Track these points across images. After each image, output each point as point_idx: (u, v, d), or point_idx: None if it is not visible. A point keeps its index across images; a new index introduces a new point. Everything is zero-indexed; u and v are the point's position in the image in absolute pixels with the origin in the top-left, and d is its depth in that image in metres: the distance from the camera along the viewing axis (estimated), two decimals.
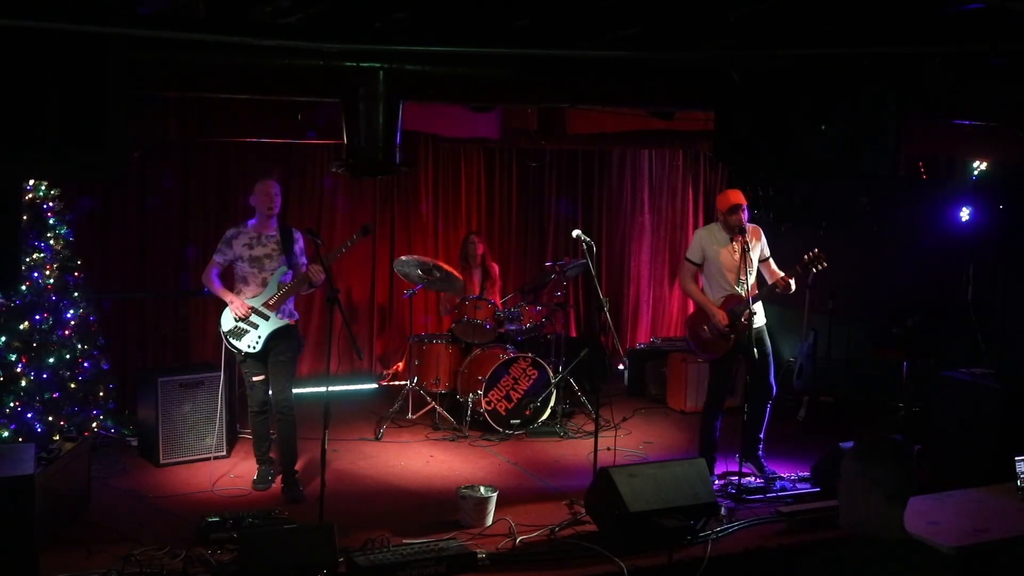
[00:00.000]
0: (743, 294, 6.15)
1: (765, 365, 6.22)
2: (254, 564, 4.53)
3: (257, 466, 6.14)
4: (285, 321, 5.95)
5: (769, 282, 6.30)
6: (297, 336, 6.15)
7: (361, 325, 8.90)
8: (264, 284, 5.91)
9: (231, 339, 5.91)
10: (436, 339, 7.76)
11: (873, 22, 4.29)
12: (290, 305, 6.02)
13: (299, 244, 6.04)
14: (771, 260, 6.36)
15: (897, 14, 4.12)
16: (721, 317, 6.17)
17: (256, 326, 5.88)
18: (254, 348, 5.89)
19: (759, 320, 6.22)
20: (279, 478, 6.09)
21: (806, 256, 6.15)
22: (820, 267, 6.16)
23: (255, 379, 5.99)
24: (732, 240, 6.20)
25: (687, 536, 5.15)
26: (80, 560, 4.79)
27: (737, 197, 6.19)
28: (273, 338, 5.92)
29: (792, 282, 6.19)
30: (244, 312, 5.84)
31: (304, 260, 6.01)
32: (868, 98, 4.52)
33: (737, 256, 6.17)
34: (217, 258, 5.97)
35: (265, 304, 5.88)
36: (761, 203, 8.30)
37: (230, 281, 6.08)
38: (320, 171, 8.53)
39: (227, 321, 5.92)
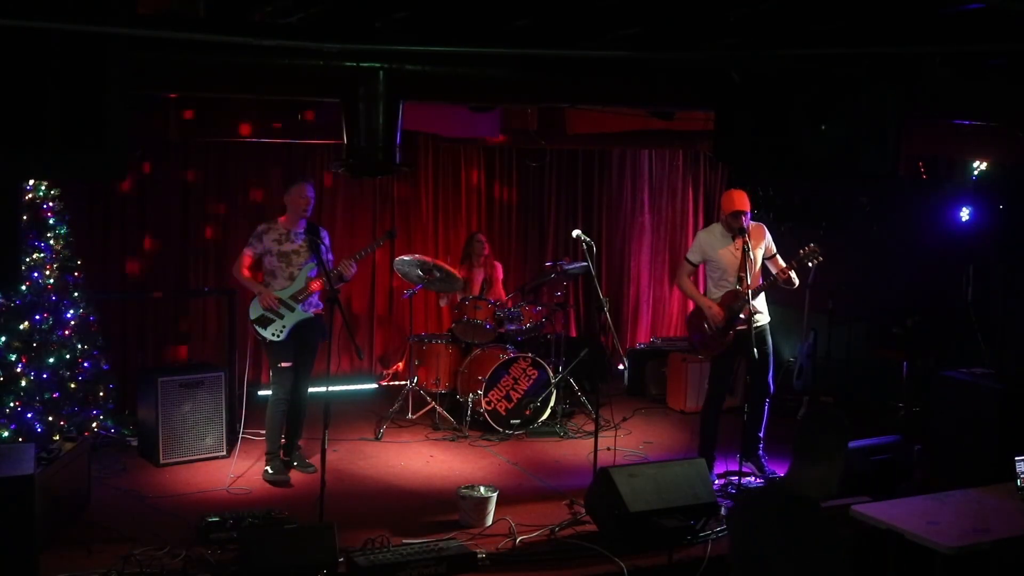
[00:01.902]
0: (742, 290, 6.16)
1: (765, 364, 6.22)
2: (254, 564, 4.54)
3: (269, 460, 6.19)
4: (309, 313, 6.20)
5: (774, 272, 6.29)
6: (322, 326, 6.33)
7: (361, 325, 8.90)
8: (292, 279, 6.14)
9: (257, 327, 6.15)
10: (436, 339, 7.76)
11: (873, 22, 4.29)
12: (315, 297, 6.25)
13: (326, 241, 6.28)
14: (778, 256, 6.38)
15: (897, 14, 4.11)
16: (717, 311, 6.19)
17: (282, 316, 6.12)
18: (278, 337, 6.12)
19: (763, 318, 6.23)
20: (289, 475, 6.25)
21: (801, 251, 6.17)
22: (816, 261, 6.18)
23: (282, 365, 6.18)
24: (733, 239, 6.21)
25: (687, 536, 5.15)
26: (80, 560, 4.80)
27: (742, 203, 6.16)
28: (299, 328, 6.16)
29: (793, 275, 6.20)
30: (271, 303, 6.06)
31: (331, 256, 6.25)
32: (868, 98, 4.51)
33: (739, 255, 6.17)
34: (248, 251, 6.21)
35: (292, 297, 6.12)
36: (761, 203, 8.30)
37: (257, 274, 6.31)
38: (320, 171, 8.53)
39: (255, 310, 6.16)
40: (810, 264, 6.22)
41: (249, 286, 6.22)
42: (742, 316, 6.15)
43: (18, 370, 5.83)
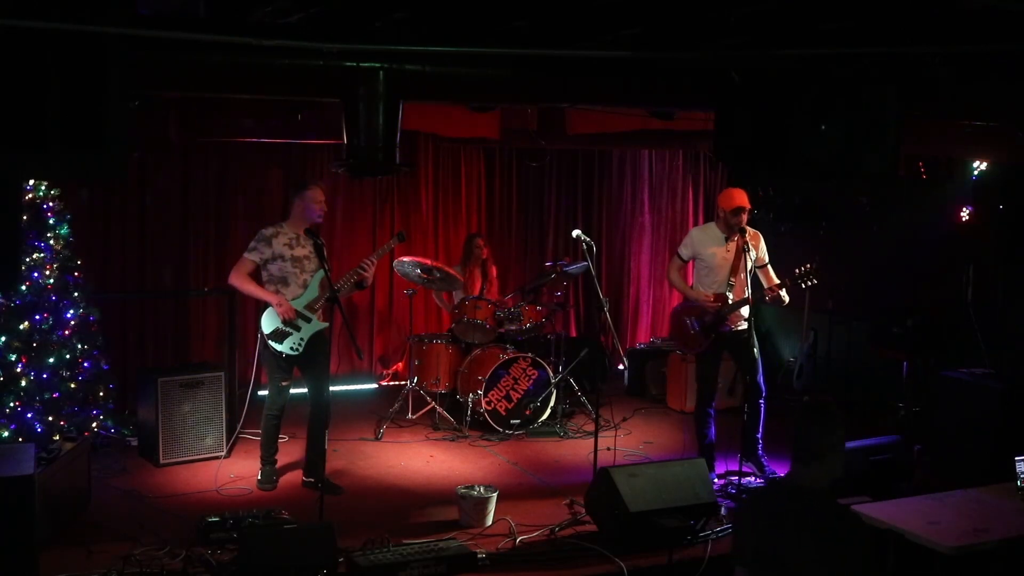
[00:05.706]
0: (730, 296, 6.15)
1: (753, 367, 6.20)
2: (254, 564, 4.53)
3: (262, 467, 6.13)
4: (325, 323, 5.85)
5: (764, 287, 6.28)
6: (328, 338, 6.06)
7: (361, 325, 8.91)
8: (305, 286, 5.78)
9: (273, 342, 5.76)
10: (436, 339, 7.76)
11: (873, 22, 4.29)
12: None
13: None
14: (769, 267, 6.33)
15: (896, 14, 4.12)
16: (708, 297, 6.16)
17: (299, 328, 5.75)
18: (296, 350, 5.78)
19: (744, 324, 6.22)
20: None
21: (797, 270, 6.09)
22: (810, 283, 6.09)
23: (284, 383, 5.90)
24: (728, 240, 6.19)
25: (687, 536, 5.15)
26: (80, 560, 4.79)
27: (742, 199, 6.14)
28: (313, 341, 5.83)
29: (783, 293, 6.15)
30: (292, 315, 5.70)
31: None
32: (868, 98, 4.52)
33: (731, 256, 6.16)
34: (252, 256, 5.76)
35: (308, 307, 5.77)
36: (761, 203, 8.29)
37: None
38: (320, 171, 8.53)
39: (270, 323, 5.76)
40: (803, 285, 6.10)
41: (261, 296, 5.75)
42: (727, 323, 6.15)
43: (18, 370, 5.83)
